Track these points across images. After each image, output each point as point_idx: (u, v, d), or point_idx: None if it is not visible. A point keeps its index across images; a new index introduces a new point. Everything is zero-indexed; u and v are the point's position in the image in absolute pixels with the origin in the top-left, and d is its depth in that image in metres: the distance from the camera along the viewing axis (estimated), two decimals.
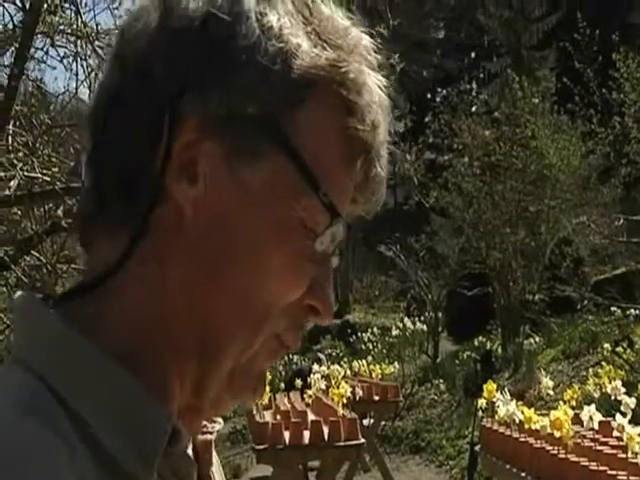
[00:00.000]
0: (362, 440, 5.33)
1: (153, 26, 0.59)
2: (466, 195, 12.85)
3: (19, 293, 0.62)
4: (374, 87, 0.61)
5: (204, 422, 0.73)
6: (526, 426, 4.23)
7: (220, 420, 0.78)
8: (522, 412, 4.31)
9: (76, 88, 5.64)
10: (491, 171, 12.75)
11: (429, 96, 33.89)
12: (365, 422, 7.89)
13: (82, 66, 5.53)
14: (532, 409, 4.32)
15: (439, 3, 33.15)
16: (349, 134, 0.60)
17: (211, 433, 0.76)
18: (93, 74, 5.57)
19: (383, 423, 9.41)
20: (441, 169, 13.58)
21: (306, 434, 5.22)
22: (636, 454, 3.34)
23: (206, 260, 0.58)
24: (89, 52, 5.49)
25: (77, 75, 5.56)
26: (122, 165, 0.59)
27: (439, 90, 31.35)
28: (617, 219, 10.12)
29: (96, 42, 5.08)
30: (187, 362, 0.60)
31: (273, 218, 0.58)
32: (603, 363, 8.28)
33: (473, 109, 16.24)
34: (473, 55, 33.18)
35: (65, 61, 5.87)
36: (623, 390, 4.78)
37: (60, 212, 5.89)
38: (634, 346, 9.30)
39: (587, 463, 3.57)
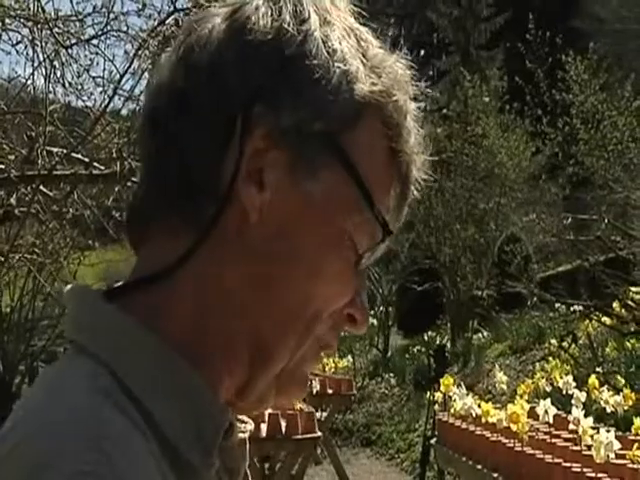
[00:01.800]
0: (319, 433, 5.37)
1: (222, 35, 0.62)
2: (417, 191, 12.96)
3: (72, 285, 0.64)
4: (414, 116, 0.66)
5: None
6: (482, 419, 4.32)
7: (250, 421, 0.80)
8: (479, 406, 4.40)
9: (32, 74, 5.53)
10: (442, 168, 12.89)
11: None
12: (318, 415, 7.93)
13: (36, 52, 5.42)
14: (489, 403, 4.41)
15: (390, 0, 33.32)
16: (394, 157, 0.64)
17: (244, 432, 0.77)
18: (48, 60, 5.47)
19: (335, 416, 9.46)
20: None
21: (263, 427, 5.23)
22: (589, 446, 3.44)
23: (265, 265, 0.61)
24: (46, 38, 5.37)
25: (33, 61, 5.45)
26: (190, 167, 0.61)
27: None
28: (565, 217, 10.39)
29: (55, 29, 4.99)
30: (238, 364, 0.62)
31: (330, 229, 0.61)
32: (549, 358, 8.48)
33: (423, 106, 16.41)
34: (423, 53, 33.46)
35: (18, 46, 5.74)
36: (574, 385, 4.92)
37: (13, 200, 5.76)
38: (578, 341, 9.53)
39: (542, 456, 3.66)
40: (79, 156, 5.23)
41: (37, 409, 0.55)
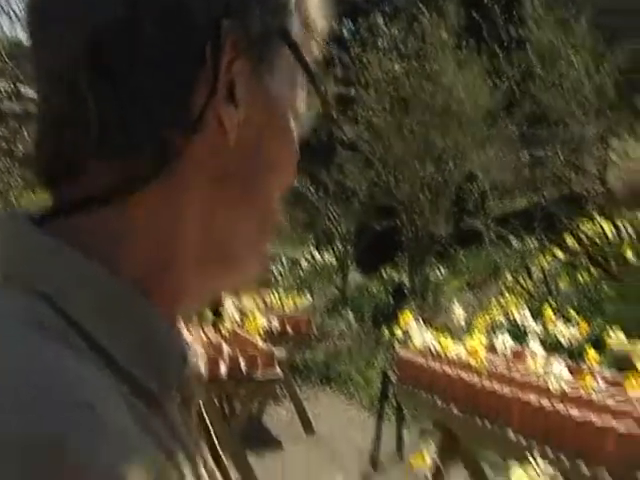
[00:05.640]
0: (279, 372, 5.38)
1: None
2: (375, 129, 12.91)
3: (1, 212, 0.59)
4: None
5: None
6: (441, 355, 4.36)
7: (196, 347, 0.77)
8: (438, 341, 4.44)
9: None
10: (400, 105, 12.82)
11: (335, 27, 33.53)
12: (277, 354, 7.97)
13: None
14: (448, 338, 4.46)
15: None
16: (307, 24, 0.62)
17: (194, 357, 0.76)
18: None
19: (294, 355, 9.54)
20: (350, 102, 13.56)
21: (223, 367, 5.22)
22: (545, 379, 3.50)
23: (239, 181, 0.58)
24: None
25: None
26: (158, 94, 0.55)
27: (345, 22, 31.03)
28: (522, 154, 10.47)
29: None
30: (202, 280, 0.59)
31: (288, 124, 0.60)
32: (505, 292, 8.65)
33: (380, 43, 16.20)
34: None
35: None
36: (530, 318, 5.01)
37: None
38: (532, 275, 9.71)
39: (501, 389, 3.71)
40: (29, 93, 5.04)
41: None
